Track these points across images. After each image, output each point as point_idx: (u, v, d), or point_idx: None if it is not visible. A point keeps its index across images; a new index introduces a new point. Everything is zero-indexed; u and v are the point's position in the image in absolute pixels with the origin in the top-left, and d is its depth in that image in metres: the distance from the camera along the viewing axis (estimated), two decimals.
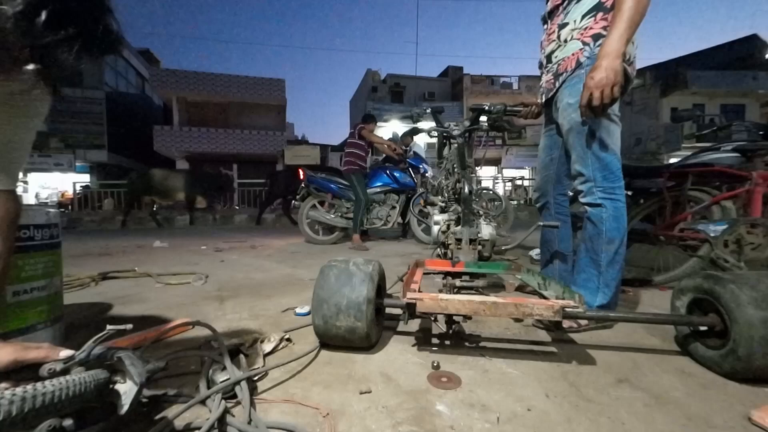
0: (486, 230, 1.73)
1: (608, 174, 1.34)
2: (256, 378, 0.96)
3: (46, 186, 15.46)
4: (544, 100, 1.57)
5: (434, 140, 2.25)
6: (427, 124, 2.18)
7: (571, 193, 1.76)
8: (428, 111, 2.23)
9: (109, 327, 0.65)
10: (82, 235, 6.17)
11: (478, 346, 1.22)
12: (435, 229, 1.88)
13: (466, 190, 1.74)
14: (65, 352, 0.63)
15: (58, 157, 14.32)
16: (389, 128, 14.89)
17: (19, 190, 0.75)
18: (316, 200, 4.27)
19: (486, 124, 1.95)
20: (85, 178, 14.44)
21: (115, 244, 4.53)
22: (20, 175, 0.72)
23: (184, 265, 2.83)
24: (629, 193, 2.39)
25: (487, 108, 1.82)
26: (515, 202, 9.59)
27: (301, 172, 4.33)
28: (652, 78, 13.38)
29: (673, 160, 6.40)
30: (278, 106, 17.52)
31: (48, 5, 0.45)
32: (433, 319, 1.42)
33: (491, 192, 5.15)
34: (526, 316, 1.03)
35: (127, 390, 0.65)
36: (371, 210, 4.25)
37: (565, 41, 1.40)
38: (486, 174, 16.52)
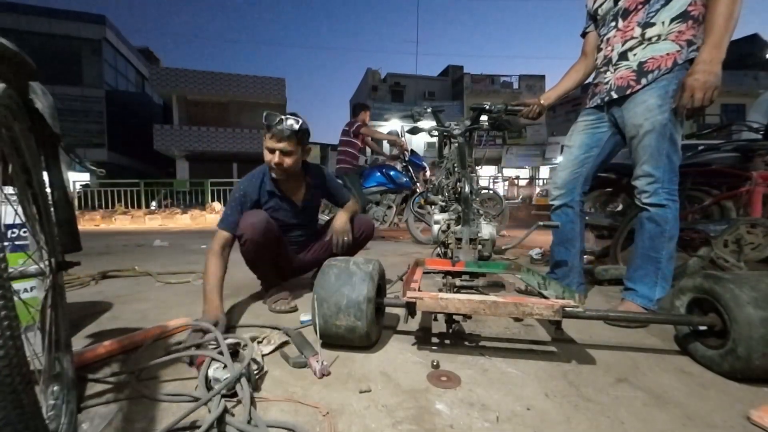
0: (486, 230, 1.73)
1: (673, 176, 1.38)
2: (256, 377, 0.96)
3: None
4: (609, 98, 1.48)
5: (434, 139, 2.25)
6: (427, 123, 2.18)
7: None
8: (429, 110, 2.23)
9: None
10: (82, 234, 6.15)
11: (478, 346, 1.22)
12: (435, 228, 1.88)
13: (467, 189, 1.74)
14: None
15: None
16: (389, 128, 14.89)
17: None
18: None
19: (486, 123, 1.95)
20: (85, 177, 14.43)
21: (115, 243, 4.52)
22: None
23: (184, 264, 2.82)
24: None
25: (487, 107, 1.82)
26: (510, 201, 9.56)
27: None
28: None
29: None
30: (278, 105, 17.51)
31: None
32: (433, 318, 1.42)
33: (490, 191, 5.13)
34: (526, 315, 1.03)
35: None
36: (368, 210, 4.20)
37: (650, 40, 1.36)
38: (486, 173, 16.51)
